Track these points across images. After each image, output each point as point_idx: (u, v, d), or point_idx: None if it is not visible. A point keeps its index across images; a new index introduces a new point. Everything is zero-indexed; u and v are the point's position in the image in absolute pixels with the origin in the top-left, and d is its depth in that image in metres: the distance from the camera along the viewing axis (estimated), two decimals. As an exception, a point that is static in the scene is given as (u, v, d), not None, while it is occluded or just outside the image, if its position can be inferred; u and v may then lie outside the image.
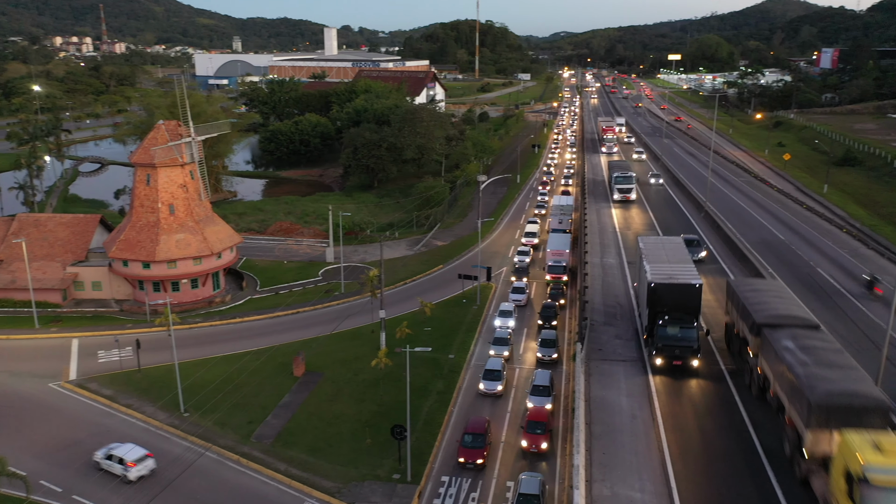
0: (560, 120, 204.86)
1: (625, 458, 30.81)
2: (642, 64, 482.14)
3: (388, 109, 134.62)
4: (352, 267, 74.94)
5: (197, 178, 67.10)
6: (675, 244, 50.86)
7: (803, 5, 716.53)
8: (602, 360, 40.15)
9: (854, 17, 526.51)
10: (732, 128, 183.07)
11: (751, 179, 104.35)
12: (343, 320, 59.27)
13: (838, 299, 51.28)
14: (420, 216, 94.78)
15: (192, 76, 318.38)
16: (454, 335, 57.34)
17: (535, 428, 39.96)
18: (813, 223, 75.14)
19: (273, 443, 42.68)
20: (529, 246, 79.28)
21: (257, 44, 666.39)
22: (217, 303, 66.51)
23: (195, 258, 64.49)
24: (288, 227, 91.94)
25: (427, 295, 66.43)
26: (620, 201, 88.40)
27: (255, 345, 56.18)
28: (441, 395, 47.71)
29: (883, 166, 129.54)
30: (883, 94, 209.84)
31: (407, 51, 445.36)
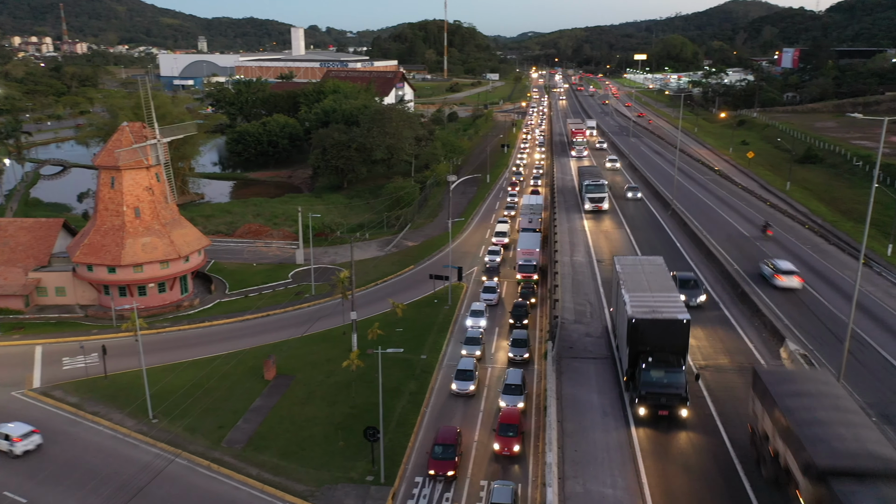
0: (529, 119, 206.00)
1: (597, 454, 31.13)
2: (609, 64, 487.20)
3: (356, 110, 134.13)
4: (322, 269, 74.52)
5: (163, 181, 66.08)
6: (656, 267, 45.12)
7: (765, 6, 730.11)
8: (573, 358, 40.49)
9: (813, 17, 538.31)
10: (698, 126, 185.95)
11: (716, 177, 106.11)
12: (314, 322, 58.91)
13: (802, 295, 52.35)
14: (390, 217, 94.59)
15: (157, 77, 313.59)
16: (426, 335, 57.33)
17: (507, 430, 39.55)
18: (776, 220, 76.61)
19: (244, 447, 42.24)
20: (500, 245, 79.63)
21: (223, 44, 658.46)
22: (185, 307, 65.60)
23: (162, 262, 63.50)
24: (257, 230, 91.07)
25: (398, 296, 66.34)
26: (592, 211, 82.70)
27: (225, 348, 55.52)
28: (414, 396, 47.66)
29: (843, 163, 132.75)
30: (842, 93, 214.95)
31: (375, 51, 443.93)
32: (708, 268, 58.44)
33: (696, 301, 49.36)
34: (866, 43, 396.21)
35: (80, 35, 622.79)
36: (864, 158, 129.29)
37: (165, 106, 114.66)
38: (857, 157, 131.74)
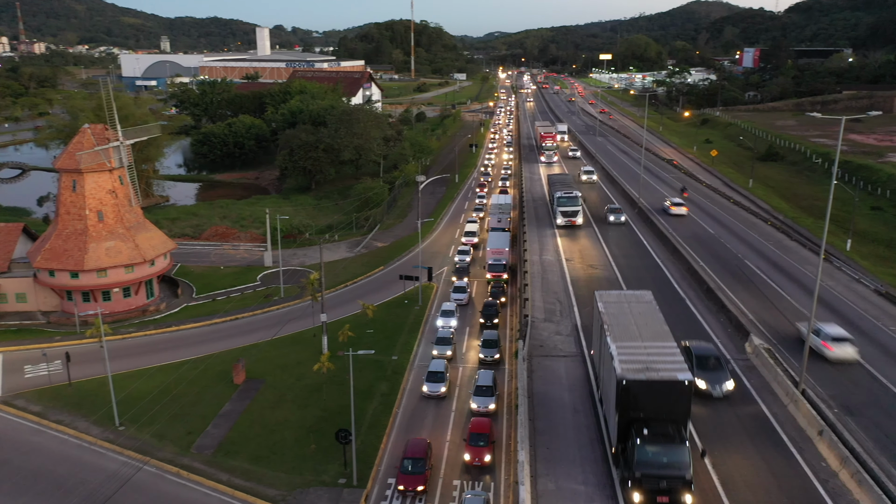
0: (496, 119, 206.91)
1: (568, 451, 31.41)
2: (575, 63, 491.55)
3: (324, 110, 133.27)
4: (291, 271, 73.90)
5: (126, 184, 64.90)
6: (646, 306, 38.56)
7: (726, 6, 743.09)
8: (544, 357, 40.77)
9: (773, 18, 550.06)
10: (662, 125, 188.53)
11: (681, 176, 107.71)
12: (283, 325, 58.38)
13: (765, 290, 53.47)
14: (359, 218, 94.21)
15: (119, 77, 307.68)
16: (397, 336, 57.21)
17: (477, 440, 38.49)
18: (740, 217, 78.10)
19: (214, 453, 41.70)
20: (469, 245, 79.85)
21: (186, 44, 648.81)
22: (151, 311, 64.52)
23: (127, 266, 62.37)
24: (224, 232, 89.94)
25: (369, 297, 66.09)
26: (565, 226, 76.61)
27: (193, 353, 54.72)
28: (385, 397, 47.52)
29: (802, 161, 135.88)
30: (801, 92, 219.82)
31: (342, 51, 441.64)
32: (674, 264, 59.30)
33: (722, 390, 37.10)
34: (823, 43, 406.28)
35: (38, 35, 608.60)
36: (823, 156, 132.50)
37: (128, 107, 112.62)
38: (817, 154, 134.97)
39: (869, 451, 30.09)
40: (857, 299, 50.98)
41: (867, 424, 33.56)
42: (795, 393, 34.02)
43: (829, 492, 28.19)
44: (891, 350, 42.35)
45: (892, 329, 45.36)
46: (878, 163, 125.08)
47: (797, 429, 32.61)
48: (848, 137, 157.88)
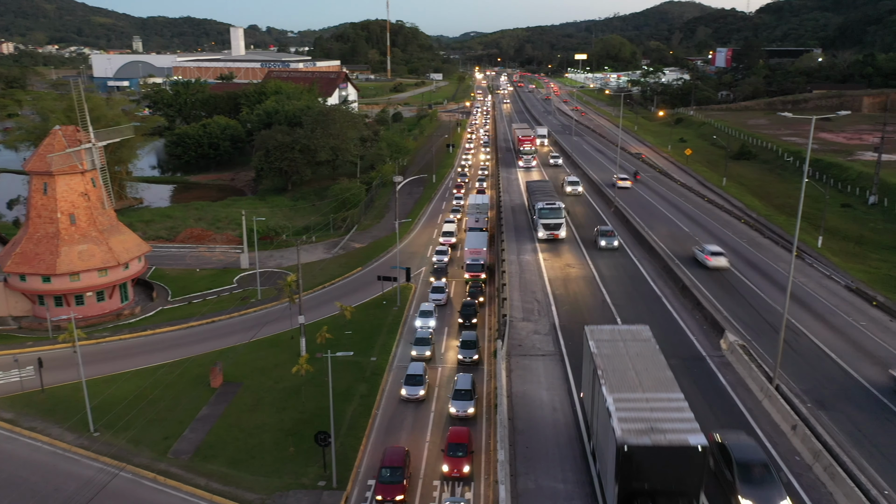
0: (473, 119, 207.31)
1: (548, 450, 31.58)
2: (550, 63, 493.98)
3: (300, 111, 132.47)
4: (268, 272, 73.40)
5: (99, 186, 64.01)
6: (644, 345, 33.60)
7: (698, 7, 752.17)
8: (522, 356, 40.94)
9: (744, 18, 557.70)
10: (637, 125, 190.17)
11: (657, 175, 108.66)
12: (261, 328, 57.98)
13: (739, 287, 54.22)
14: (337, 219, 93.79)
15: (90, 78, 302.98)
16: (375, 337, 57.11)
17: (455, 451, 37.48)
18: (714, 215, 79.08)
19: (192, 457, 41.30)
20: (447, 245, 79.91)
21: (159, 44, 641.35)
22: (126, 315, 63.71)
23: (100, 270, 61.52)
24: (199, 234, 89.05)
25: (347, 298, 65.86)
26: (547, 240, 71.70)
27: (169, 357, 54.14)
28: (364, 399, 47.39)
29: (775, 159, 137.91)
30: (772, 92, 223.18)
31: (317, 51, 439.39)
32: (650, 262, 59.87)
33: None
34: (794, 43, 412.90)
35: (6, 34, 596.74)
36: (795, 154, 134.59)
37: (100, 108, 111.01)
38: (788, 153, 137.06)
39: (841, 445, 30.67)
40: (828, 295, 51.92)
41: (839, 418, 34.20)
42: (770, 388, 34.55)
43: (804, 486, 28.68)
44: (861, 345, 43.19)
45: (863, 324, 46.25)
46: (847, 161, 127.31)
47: (772, 424, 33.12)
48: (818, 136, 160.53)
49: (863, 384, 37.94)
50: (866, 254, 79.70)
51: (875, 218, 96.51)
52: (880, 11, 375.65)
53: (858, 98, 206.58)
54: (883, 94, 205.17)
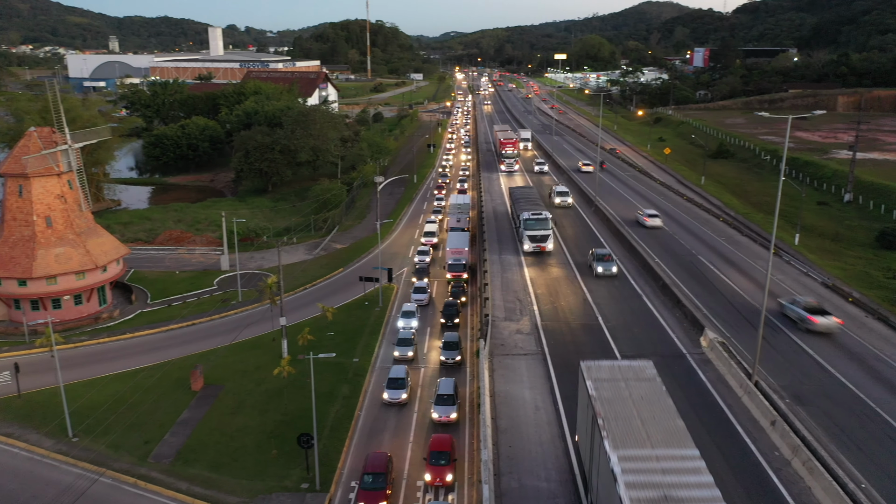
0: (454, 119, 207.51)
1: (530, 449, 31.70)
2: (530, 63, 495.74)
3: (279, 111, 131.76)
4: (249, 274, 72.94)
5: (76, 188, 63.24)
6: (648, 386, 29.79)
7: (676, 7, 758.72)
8: (504, 355, 41.05)
9: (721, 18, 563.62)
10: (617, 124, 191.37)
11: (636, 174, 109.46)
12: (242, 330, 57.58)
13: (718, 284, 54.79)
14: (318, 219, 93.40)
15: (66, 78, 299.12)
16: (358, 338, 56.97)
17: (438, 459, 36.71)
18: (693, 213, 79.80)
19: (173, 462, 40.94)
20: (429, 245, 79.93)
21: (136, 44, 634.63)
22: (104, 318, 62.97)
23: (77, 273, 60.77)
24: (178, 236, 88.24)
25: (328, 299, 65.67)
26: (534, 253, 65.90)
27: (149, 360, 53.62)
28: (347, 400, 47.28)
29: (752, 158, 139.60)
30: (749, 91, 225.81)
31: (297, 51, 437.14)
32: (630, 261, 60.30)
33: None
34: (770, 43, 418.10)
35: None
36: (771, 153, 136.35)
37: (76, 109, 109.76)
38: (765, 151, 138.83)
39: (819, 440, 31.12)
40: (805, 292, 52.60)
41: (817, 413, 34.69)
42: (749, 385, 34.97)
43: (783, 480, 29.05)
44: (838, 340, 43.81)
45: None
46: (822, 159, 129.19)
47: (751, 419, 33.52)
48: (794, 135, 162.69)
49: (840, 380, 38.50)
50: (842, 251, 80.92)
51: (850, 215, 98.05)
52: (854, 12, 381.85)
53: (833, 97, 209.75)
54: (857, 94, 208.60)
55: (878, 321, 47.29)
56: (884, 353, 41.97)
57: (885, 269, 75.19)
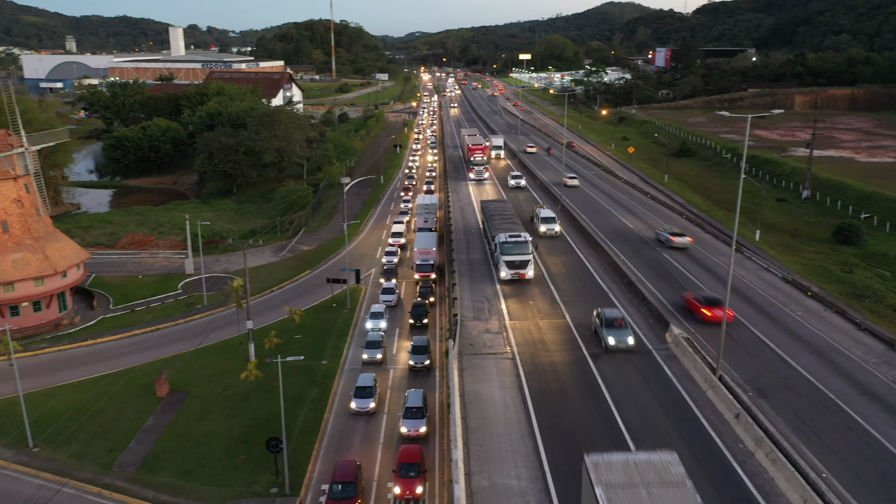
0: (420, 119, 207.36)
1: (500, 448, 31.88)
2: (495, 64, 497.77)
3: (243, 112, 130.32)
4: (214, 277, 71.93)
5: (34, 192, 61.72)
6: (676, 492, 23.45)
7: (638, 7, 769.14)
8: (473, 355, 41.16)
9: (682, 19, 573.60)
10: (582, 124, 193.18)
11: (601, 173, 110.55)
12: (208, 334, 56.81)
13: (683, 281, 55.70)
14: (284, 221, 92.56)
15: (21, 79, 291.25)
16: (326, 340, 56.57)
17: (408, 471, 35.81)
18: (657, 211, 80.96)
19: (138, 470, 40.20)
20: (397, 246, 79.82)
21: (94, 44, 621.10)
22: (65, 325, 61.55)
23: (36, 279, 59.31)
24: (141, 240, 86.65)
25: (296, 301, 65.12)
26: (512, 281, 57.45)
27: (113, 367, 52.55)
28: (316, 403, 46.93)
29: (713, 156, 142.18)
30: (710, 91, 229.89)
31: (260, 51, 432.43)
32: (596, 259, 60.92)
33: None
34: (729, 42, 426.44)
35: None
36: (732, 151, 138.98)
37: (32, 111, 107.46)
38: (726, 149, 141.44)
39: (781, 431, 31.87)
40: (766, 287, 53.80)
41: (779, 405, 35.50)
42: (713, 379, 35.65)
43: (747, 472, 29.68)
44: (798, 334, 44.90)
45: (799, 314, 48.07)
46: (781, 157, 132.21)
47: (716, 413, 34.17)
48: (754, 133, 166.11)
49: (800, 372, 39.44)
50: (801, 246, 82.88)
51: (808, 211, 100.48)
52: (809, 13, 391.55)
53: (791, 96, 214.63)
54: (813, 93, 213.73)
55: (836, 314, 48.57)
56: (842, 345, 43.12)
57: (841, 264, 77.26)
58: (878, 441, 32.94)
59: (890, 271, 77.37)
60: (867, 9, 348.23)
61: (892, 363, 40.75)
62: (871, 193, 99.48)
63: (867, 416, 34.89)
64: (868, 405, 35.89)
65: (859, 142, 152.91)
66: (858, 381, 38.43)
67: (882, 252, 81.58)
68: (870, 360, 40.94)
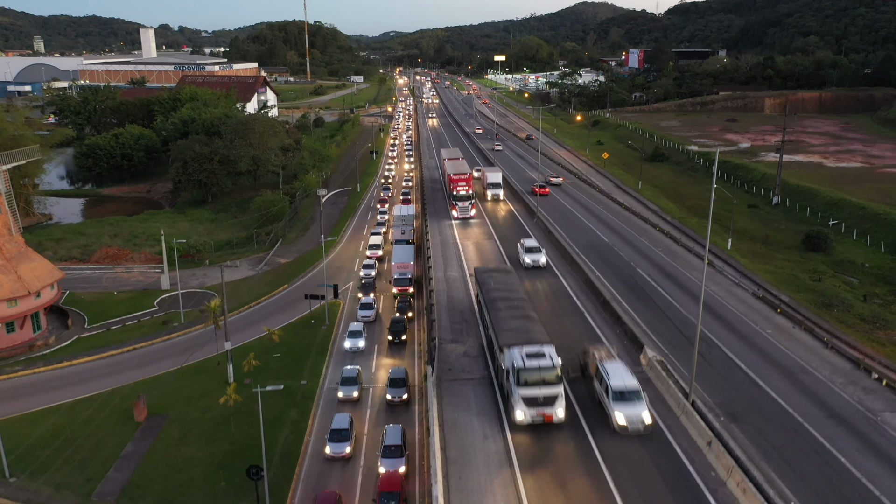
0: (395, 124, 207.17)
1: (479, 479, 32.29)
2: (470, 65, 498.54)
3: (218, 119, 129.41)
4: (190, 293, 71.66)
5: (5, 211, 61.03)
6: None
7: (611, 8, 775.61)
8: (453, 381, 41.48)
9: (654, 19, 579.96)
10: (556, 127, 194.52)
11: (576, 181, 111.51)
12: (186, 355, 56.70)
13: (656, 297, 56.65)
14: (261, 233, 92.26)
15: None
16: (305, 359, 56.68)
17: (388, 499, 35.63)
18: (631, 223, 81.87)
19: (118, 499, 40.15)
20: (374, 258, 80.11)
21: (63, 44, 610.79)
22: (39, 346, 60.98)
23: (9, 300, 58.67)
24: (115, 253, 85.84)
25: (274, 317, 65.25)
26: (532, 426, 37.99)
27: (89, 390, 52.31)
28: (296, 425, 47.13)
29: (686, 161, 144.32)
30: (682, 94, 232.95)
31: (234, 53, 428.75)
32: (572, 276, 61.63)
33: None
34: (700, 43, 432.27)
35: None
36: (704, 156, 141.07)
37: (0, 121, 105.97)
38: (698, 155, 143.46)
39: (752, 458, 32.72)
40: (737, 303, 54.92)
41: (750, 431, 36.40)
42: (686, 405, 36.42)
43: (719, 501, 30.42)
44: (768, 353, 45.96)
45: (769, 332, 49.21)
46: (752, 162, 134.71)
47: (689, 439, 34.91)
48: (724, 137, 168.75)
49: (770, 395, 40.44)
50: (772, 254, 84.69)
51: (778, 218, 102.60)
52: (778, 14, 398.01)
53: (761, 99, 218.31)
54: (782, 96, 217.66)
55: (805, 332, 49.75)
56: (810, 364, 44.22)
57: (810, 272, 79.15)
58: (843, 466, 34.00)
59: (857, 278, 79.49)
60: (834, 10, 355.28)
61: (858, 383, 41.93)
62: (839, 200, 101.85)
63: (833, 439, 35.93)
64: (835, 428, 36.93)
65: (827, 146, 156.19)
66: (826, 404, 39.49)
67: (849, 259, 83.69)
68: (836, 381, 42.08)
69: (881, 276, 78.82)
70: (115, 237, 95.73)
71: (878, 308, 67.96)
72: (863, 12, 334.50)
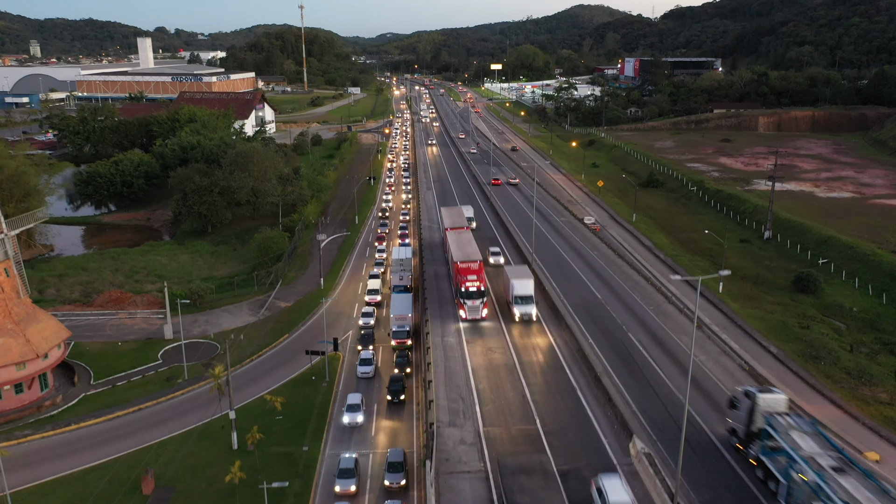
0: (393, 143, 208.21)
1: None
2: (467, 73, 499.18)
3: (217, 147, 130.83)
4: (193, 343, 73.15)
5: (13, 276, 62.44)
6: None
7: (607, 11, 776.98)
8: (449, 474, 42.80)
9: (650, 24, 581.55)
10: (552, 147, 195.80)
11: (570, 220, 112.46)
12: (191, 418, 58.22)
13: (646, 369, 58.10)
14: (261, 273, 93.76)
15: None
16: (307, 422, 58.09)
17: None
18: (625, 275, 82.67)
19: (129, 583, 41.71)
20: (373, 304, 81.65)
21: (59, 48, 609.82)
22: (47, 406, 62.37)
23: (18, 364, 60.16)
24: (118, 297, 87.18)
25: (275, 372, 66.76)
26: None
27: (97, 457, 53.74)
28: (299, 498, 48.64)
29: (679, 188, 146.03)
30: (677, 111, 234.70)
31: (231, 62, 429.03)
32: (565, 344, 62.62)
33: None
34: (696, 48, 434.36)
35: None
36: (698, 184, 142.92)
37: (1, 156, 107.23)
38: (692, 182, 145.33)
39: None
40: (724, 376, 56.40)
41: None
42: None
43: None
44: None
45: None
46: (745, 191, 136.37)
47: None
48: (718, 161, 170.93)
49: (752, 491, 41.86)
50: (762, 296, 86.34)
51: (769, 255, 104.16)
52: (773, 23, 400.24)
53: (755, 118, 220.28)
54: (776, 114, 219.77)
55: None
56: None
57: (800, 317, 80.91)
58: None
59: (845, 323, 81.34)
60: (828, 20, 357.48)
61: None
62: (829, 238, 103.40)
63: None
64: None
65: (819, 171, 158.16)
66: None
67: (838, 303, 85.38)
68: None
69: (868, 322, 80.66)
70: (117, 272, 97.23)
71: (865, 360, 69.88)
72: (857, 22, 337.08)
